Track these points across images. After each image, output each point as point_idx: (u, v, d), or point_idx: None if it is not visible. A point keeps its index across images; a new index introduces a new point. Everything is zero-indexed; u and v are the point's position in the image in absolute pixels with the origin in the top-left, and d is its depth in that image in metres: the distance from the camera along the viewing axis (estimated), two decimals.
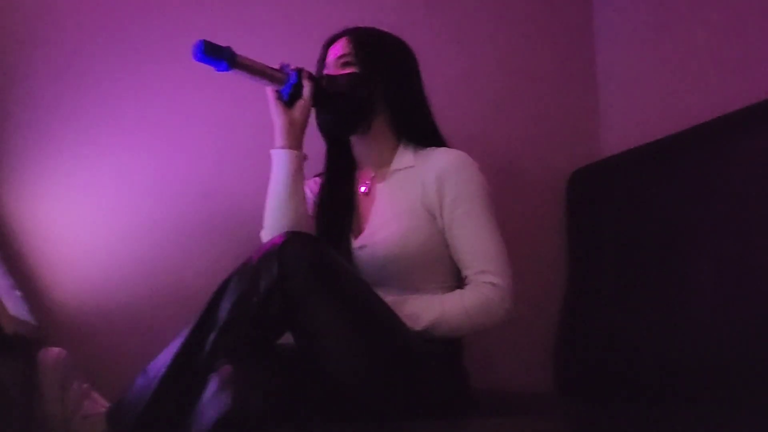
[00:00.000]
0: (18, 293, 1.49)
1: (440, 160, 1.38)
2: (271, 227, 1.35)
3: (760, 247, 1.27)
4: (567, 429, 1.33)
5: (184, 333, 1.19)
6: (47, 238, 1.61)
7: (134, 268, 1.63)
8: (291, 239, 1.18)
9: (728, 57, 1.54)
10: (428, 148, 1.43)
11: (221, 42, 1.30)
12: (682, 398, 1.37)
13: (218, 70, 1.31)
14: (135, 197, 1.66)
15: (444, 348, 1.31)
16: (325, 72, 1.45)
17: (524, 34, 1.95)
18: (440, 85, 1.83)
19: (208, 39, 1.28)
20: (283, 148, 1.35)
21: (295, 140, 1.36)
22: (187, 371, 1.15)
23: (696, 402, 1.33)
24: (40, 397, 1.20)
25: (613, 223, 1.68)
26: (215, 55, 1.28)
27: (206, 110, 1.72)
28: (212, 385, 1.10)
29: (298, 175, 1.35)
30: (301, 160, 1.36)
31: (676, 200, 1.49)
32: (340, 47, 1.44)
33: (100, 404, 1.24)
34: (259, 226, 1.39)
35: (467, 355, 1.40)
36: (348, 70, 1.41)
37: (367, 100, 1.41)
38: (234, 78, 1.70)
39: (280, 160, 1.35)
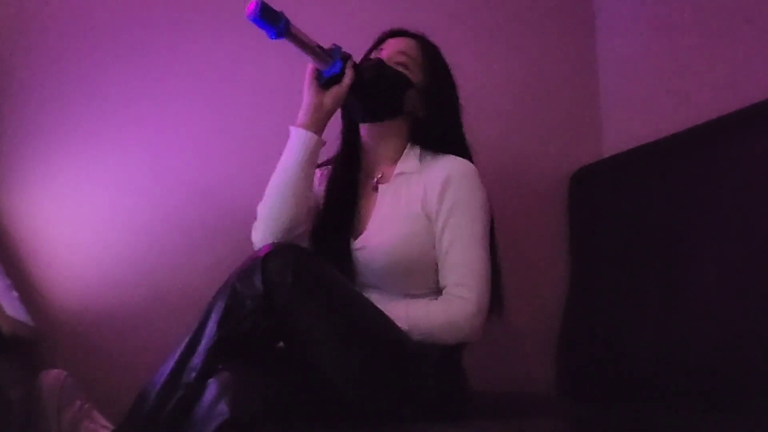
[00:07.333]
0: (15, 294, 1.49)
1: (447, 166, 1.37)
2: (269, 214, 1.31)
3: (764, 247, 1.27)
4: (569, 431, 1.32)
5: (175, 354, 1.17)
6: (45, 238, 1.60)
7: (132, 269, 1.62)
8: (273, 252, 1.16)
9: (730, 56, 1.53)
10: (435, 155, 1.41)
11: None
12: (685, 400, 1.36)
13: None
14: (133, 198, 1.65)
15: (441, 349, 1.29)
16: (376, 55, 1.44)
17: (525, 33, 1.94)
18: None
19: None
20: (304, 127, 1.31)
21: (318, 123, 1.33)
22: (179, 390, 1.13)
23: (699, 404, 1.32)
24: (40, 417, 1.19)
25: (616, 222, 1.68)
26: (270, 20, 1.24)
27: (204, 111, 1.71)
28: (211, 390, 1.09)
29: (312, 160, 1.32)
30: (318, 146, 1.33)
31: (679, 200, 1.49)
32: (406, 44, 1.45)
33: (100, 424, 1.23)
34: None
35: (468, 355, 1.38)
36: (401, 69, 1.42)
37: (401, 102, 1.42)
38: (233, 78, 1.72)
39: (298, 139, 1.31)
